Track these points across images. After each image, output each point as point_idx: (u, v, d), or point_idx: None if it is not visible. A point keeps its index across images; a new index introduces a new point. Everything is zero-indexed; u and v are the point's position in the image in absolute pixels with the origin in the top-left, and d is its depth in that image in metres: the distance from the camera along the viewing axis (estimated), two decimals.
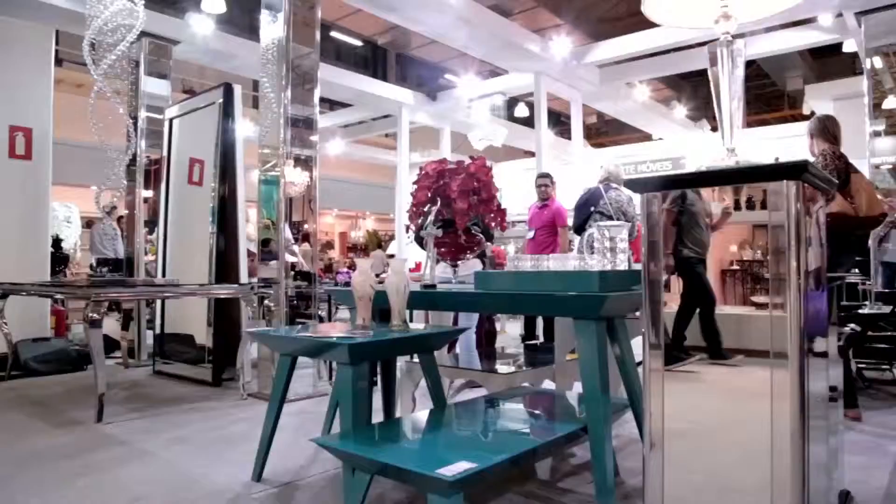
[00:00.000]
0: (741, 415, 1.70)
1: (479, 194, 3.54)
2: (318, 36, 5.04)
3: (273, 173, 4.96)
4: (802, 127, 9.73)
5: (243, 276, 5.72)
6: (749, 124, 21.63)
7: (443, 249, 3.51)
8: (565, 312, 2.54)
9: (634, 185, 1.66)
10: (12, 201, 5.84)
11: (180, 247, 6.03)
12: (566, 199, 10.36)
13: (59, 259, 7.17)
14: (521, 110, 12.18)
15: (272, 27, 5.11)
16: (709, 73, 1.56)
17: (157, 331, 5.94)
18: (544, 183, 6.32)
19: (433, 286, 3.13)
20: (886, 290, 6.20)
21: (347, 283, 7.63)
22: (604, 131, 19.97)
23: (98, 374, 3.84)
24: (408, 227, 3.77)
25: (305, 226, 5.45)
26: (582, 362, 2.43)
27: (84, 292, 3.81)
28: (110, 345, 6.73)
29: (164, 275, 6.19)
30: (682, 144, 10.65)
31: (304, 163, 5.08)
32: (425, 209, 3.58)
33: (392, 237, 18.80)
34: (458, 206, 3.40)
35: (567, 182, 10.59)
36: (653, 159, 10.97)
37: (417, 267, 11.04)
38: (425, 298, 2.93)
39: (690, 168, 10.10)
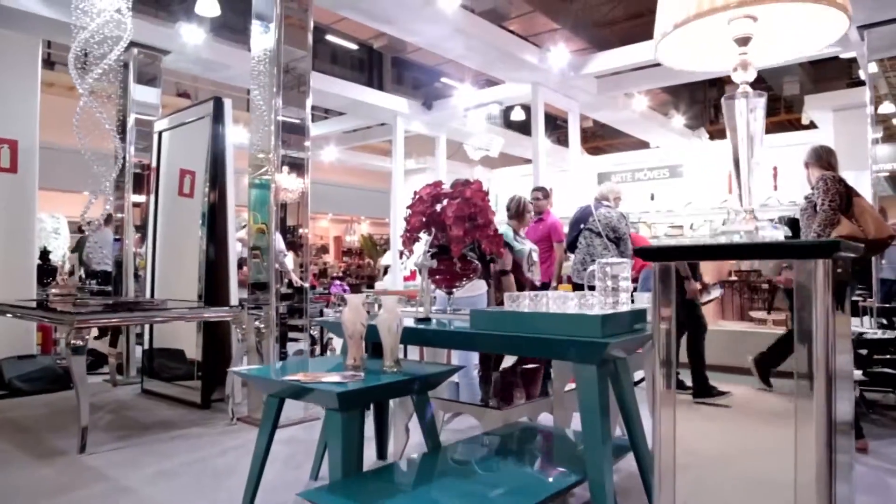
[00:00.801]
0: (758, 444, 1.56)
1: (475, 220, 3.44)
2: (310, 39, 4.89)
3: (265, 178, 4.82)
4: (801, 136, 9.69)
5: (233, 289, 5.59)
6: None
7: (437, 277, 3.40)
8: (565, 357, 2.43)
9: (645, 254, 1.55)
10: None
11: (170, 259, 5.91)
12: (563, 206, 10.29)
13: (47, 271, 7.03)
14: (518, 114, 12.08)
15: (263, 37, 4.99)
16: (725, 125, 1.44)
17: (146, 346, 5.82)
18: (536, 196, 6.20)
19: (427, 319, 3.03)
20: (886, 306, 6.15)
21: (342, 299, 7.54)
22: (599, 134, 19.88)
23: (81, 405, 3.70)
24: (401, 253, 3.66)
25: (300, 230, 5.31)
26: (582, 409, 2.33)
27: (67, 318, 3.69)
28: (98, 359, 6.61)
29: (153, 288, 6.07)
30: (680, 153, 10.57)
31: (297, 168, 4.94)
32: (419, 235, 3.48)
33: (387, 241, 18.67)
34: (453, 234, 3.29)
35: (564, 189, 10.51)
36: (650, 167, 10.90)
37: (413, 275, 10.95)
38: (419, 335, 2.82)
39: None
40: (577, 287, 5.34)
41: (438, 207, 3.46)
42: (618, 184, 11.18)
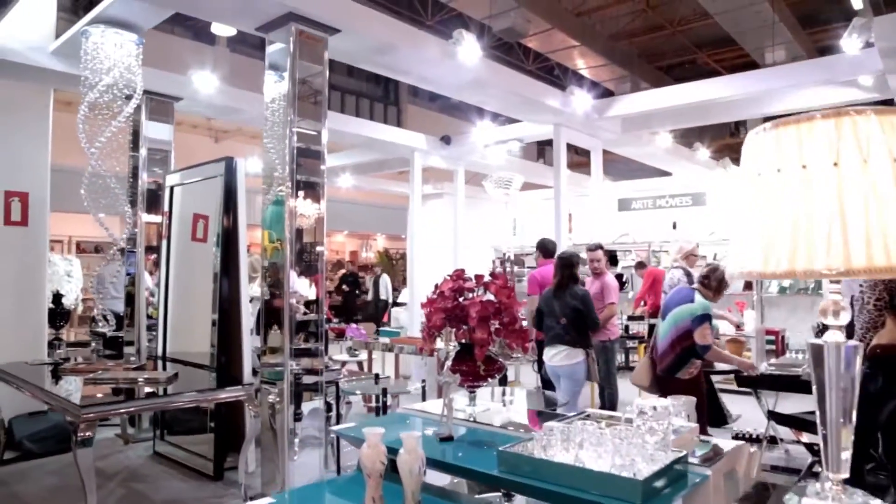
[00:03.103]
0: None
1: (500, 317, 3.25)
2: (326, 56, 4.63)
3: (278, 205, 4.58)
4: None
5: (245, 340, 5.41)
6: None
7: (460, 378, 3.22)
8: None
9: None
10: (6, 270, 5.59)
11: (183, 306, 5.78)
12: (584, 233, 10.05)
13: (60, 314, 6.92)
14: None
15: (276, 86, 4.77)
16: (811, 374, 1.23)
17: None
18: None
19: (450, 438, 2.84)
20: None
21: (354, 348, 7.35)
22: None
23: None
24: (421, 349, 3.48)
25: (316, 247, 5.04)
26: None
27: (74, 410, 3.54)
28: None
29: (165, 337, 5.96)
30: (704, 180, 10.30)
31: (312, 188, 4.66)
32: (439, 334, 3.30)
33: (403, 255, 18.50)
34: (477, 337, 3.10)
35: (584, 215, 10.28)
36: (672, 194, 10.64)
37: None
38: (441, 464, 2.63)
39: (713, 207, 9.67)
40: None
41: (461, 299, 3.28)
42: (645, 213, 10.91)
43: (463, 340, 3.23)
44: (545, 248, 6.32)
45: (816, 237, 1.04)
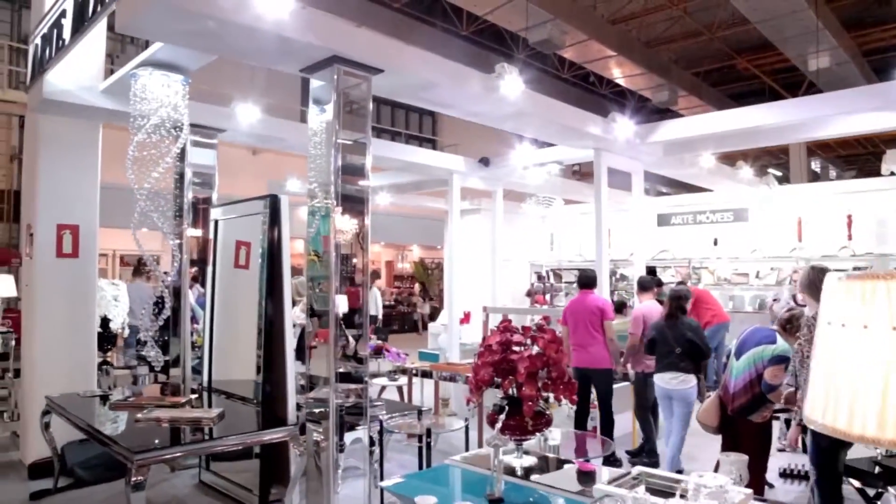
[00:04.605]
0: None
1: (548, 370, 3.23)
2: (370, 93, 4.60)
3: (322, 220, 4.55)
4: (878, 183, 9.09)
5: (290, 373, 5.46)
6: (817, 177, 20.44)
7: (507, 432, 3.21)
8: None
9: None
10: (58, 301, 5.74)
11: (226, 333, 5.87)
12: (624, 248, 9.94)
13: (107, 338, 7.08)
14: None
15: (319, 117, 4.75)
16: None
17: None
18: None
19: (500, 500, 2.83)
20: None
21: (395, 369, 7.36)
22: None
23: None
24: (469, 401, 3.48)
25: (354, 259, 4.98)
26: None
27: (128, 456, 3.62)
28: None
29: (210, 366, 6.05)
30: (746, 196, 10.09)
31: (356, 210, 4.67)
32: (486, 388, 3.30)
33: (438, 265, 18.54)
34: (525, 394, 3.10)
35: (622, 230, 10.16)
36: (713, 209, 10.46)
37: (467, 318, 10.75)
38: None
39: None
40: None
41: (508, 357, 3.27)
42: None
43: (509, 391, 3.23)
44: (579, 280, 6.46)
45: None
